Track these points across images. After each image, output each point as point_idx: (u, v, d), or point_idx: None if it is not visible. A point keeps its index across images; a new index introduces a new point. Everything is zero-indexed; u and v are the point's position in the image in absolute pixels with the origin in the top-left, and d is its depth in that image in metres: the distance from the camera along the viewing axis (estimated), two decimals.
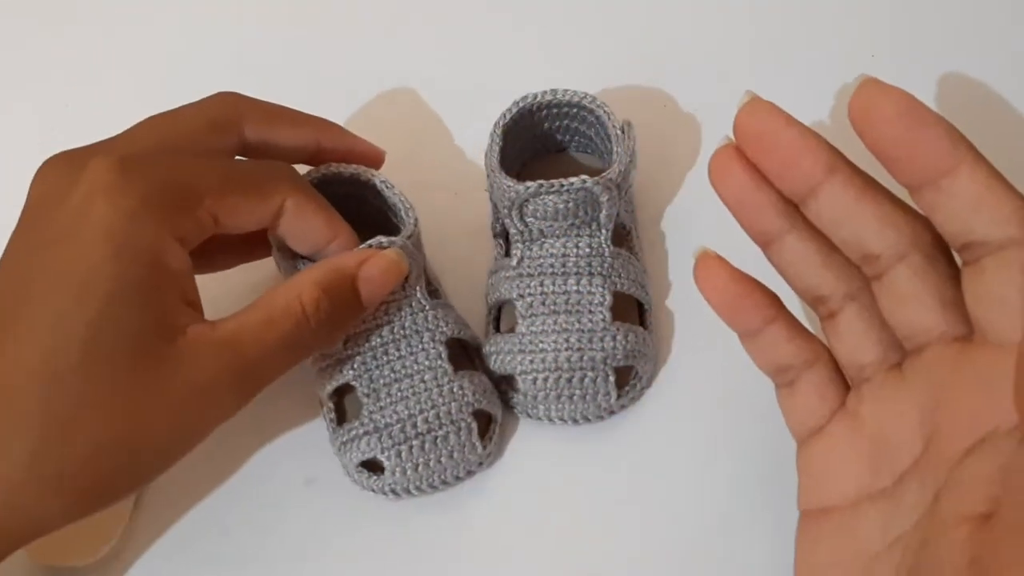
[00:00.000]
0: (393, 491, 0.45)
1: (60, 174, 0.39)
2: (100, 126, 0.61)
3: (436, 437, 0.44)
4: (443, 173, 0.56)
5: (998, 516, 0.24)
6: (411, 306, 0.46)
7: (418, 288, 0.46)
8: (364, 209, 0.50)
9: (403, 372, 0.45)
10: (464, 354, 0.49)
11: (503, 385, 0.47)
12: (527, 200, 0.45)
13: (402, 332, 0.46)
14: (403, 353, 0.45)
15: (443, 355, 0.45)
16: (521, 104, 0.49)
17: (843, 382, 0.34)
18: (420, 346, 0.45)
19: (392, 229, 0.46)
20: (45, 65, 0.64)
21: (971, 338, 0.27)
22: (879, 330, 0.31)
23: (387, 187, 0.48)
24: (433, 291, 0.49)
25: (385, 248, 0.44)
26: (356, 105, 0.59)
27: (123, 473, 0.37)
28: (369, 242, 0.44)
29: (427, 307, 0.46)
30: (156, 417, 0.36)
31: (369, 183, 0.48)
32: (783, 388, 0.36)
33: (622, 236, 0.49)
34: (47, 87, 0.63)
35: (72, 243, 0.36)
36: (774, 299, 0.34)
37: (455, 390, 0.44)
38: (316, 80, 0.61)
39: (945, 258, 0.29)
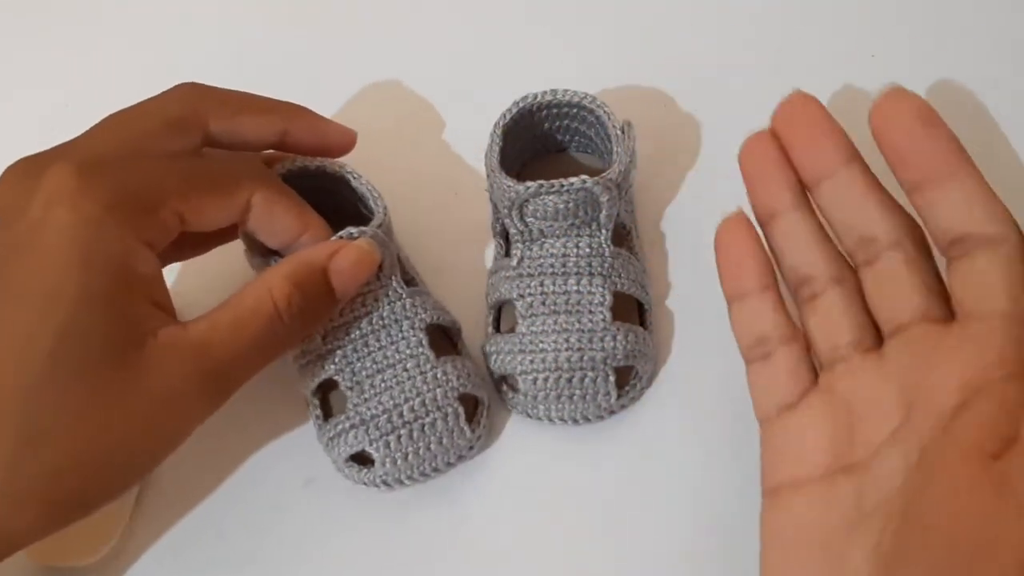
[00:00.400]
0: (385, 482, 0.44)
1: (19, 182, 0.38)
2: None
3: (423, 424, 0.44)
4: (443, 173, 0.56)
5: (1020, 443, 0.25)
6: (388, 295, 0.46)
7: (393, 277, 0.46)
8: (335, 201, 0.50)
9: (385, 362, 0.45)
10: (446, 339, 0.49)
11: (503, 385, 0.47)
12: (527, 200, 0.45)
13: (380, 322, 0.45)
14: (383, 343, 0.45)
15: (424, 342, 0.45)
16: (521, 104, 0.49)
17: (815, 370, 0.35)
18: (400, 335, 0.45)
19: (364, 219, 0.46)
20: (45, 65, 0.64)
21: (953, 320, 0.30)
22: (859, 314, 0.33)
23: (355, 177, 0.47)
24: (409, 280, 0.49)
25: (355, 239, 0.44)
26: (355, 105, 0.59)
27: (98, 482, 0.36)
28: (340, 233, 0.44)
29: (404, 295, 0.46)
30: (130, 424, 0.36)
31: (337, 175, 0.48)
32: (756, 363, 0.37)
33: (622, 236, 0.49)
34: (47, 87, 0.63)
35: (36, 253, 0.35)
36: (772, 268, 0.36)
37: (439, 376, 0.44)
38: (316, 80, 0.61)
39: (928, 255, 0.32)
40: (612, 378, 0.45)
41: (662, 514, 0.45)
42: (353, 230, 0.44)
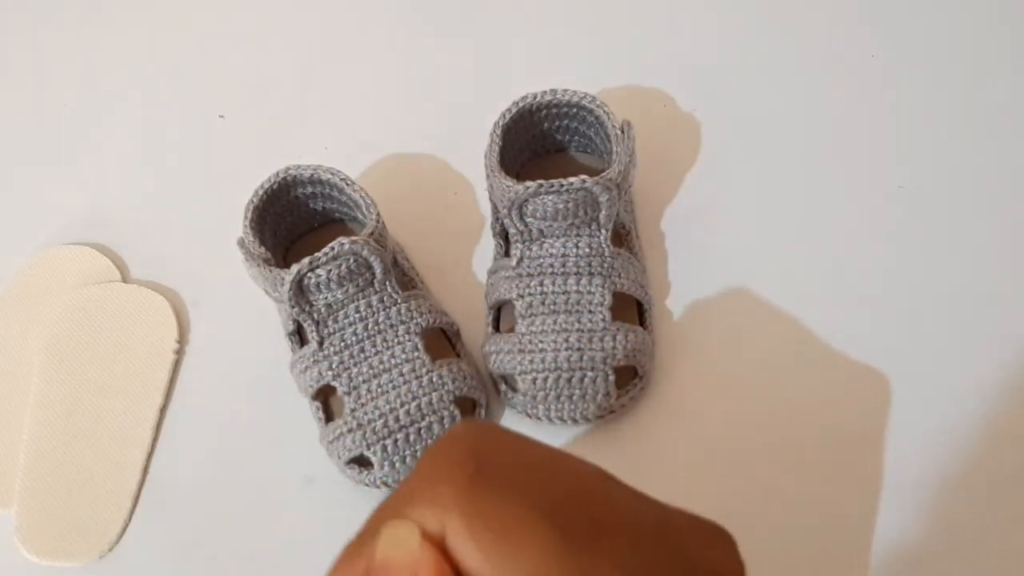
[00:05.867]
0: (385, 484, 0.45)
1: None
2: (99, 126, 0.61)
3: (420, 428, 0.44)
4: (443, 173, 0.56)
5: None
6: (383, 301, 0.46)
7: (388, 283, 0.46)
8: (328, 208, 0.50)
9: (381, 367, 0.45)
10: (444, 340, 0.49)
11: (502, 385, 0.47)
12: (527, 200, 0.45)
13: (376, 328, 0.46)
14: (380, 348, 0.46)
15: (419, 346, 0.45)
16: (521, 104, 0.49)
17: None
18: (395, 339, 0.46)
19: (358, 225, 0.46)
20: (45, 65, 0.64)
21: None
22: None
23: (348, 184, 0.48)
24: (408, 281, 0.50)
25: (346, 248, 0.43)
26: (356, 105, 0.60)
27: None
28: (331, 244, 0.44)
29: (399, 300, 0.46)
30: None
31: (330, 182, 0.48)
32: None
33: (622, 236, 0.49)
34: (47, 87, 0.63)
35: None
36: None
37: (434, 380, 0.45)
38: (316, 81, 0.61)
39: None
40: (612, 378, 0.45)
41: None
42: (345, 240, 0.44)
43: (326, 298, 0.45)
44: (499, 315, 0.50)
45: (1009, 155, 0.54)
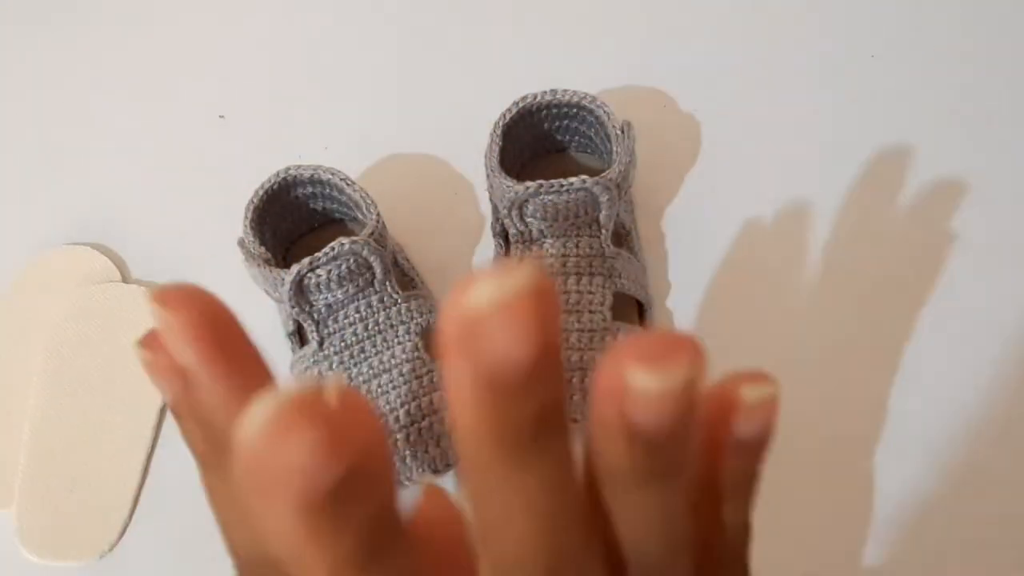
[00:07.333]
0: None
1: None
2: (99, 126, 0.61)
3: (420, 428, 0.44)
4: (443, 173, 0.56)
5: None
6: (383, 301, 0.46)
7: (388, 283, 0.46)
8: (329, 206, 0.50)
9: (381, 367, 0.45)
10: None
11: None
12: (527, 200, 0.45)
13: (376, 328, 0.46)
14: (380, 348, 0.46)
15: (420, 346, 0.46)
16: (521, 104, 0.49)
17: None
18: (396, 339, 0.46)
19: (358, 225, 0.46)
20: (46, 65, 0.64)
21: None
22: None
23: (348, 184, 0.48)
24: (408, 281, 0.50)
25: (346, 248, 0.43)
26: (356, 105, 0.59)
27: None
28: (331, 244, 0.44)
29: (399, 300, 0.46)
30: None
31: (330, 182, 0.48)
32: None
33: (622, 236, 0.49)
34: (47, 87, 0.63)
35: None
36: None
37: (435, 379, 0.45)
38: (316, 81, 0.61)
39: None
40: None
41: None
42: (345, 240, 0.44)
43: (326, 298, 0.45)
44: None
45: (1011, 152, 0.54)
